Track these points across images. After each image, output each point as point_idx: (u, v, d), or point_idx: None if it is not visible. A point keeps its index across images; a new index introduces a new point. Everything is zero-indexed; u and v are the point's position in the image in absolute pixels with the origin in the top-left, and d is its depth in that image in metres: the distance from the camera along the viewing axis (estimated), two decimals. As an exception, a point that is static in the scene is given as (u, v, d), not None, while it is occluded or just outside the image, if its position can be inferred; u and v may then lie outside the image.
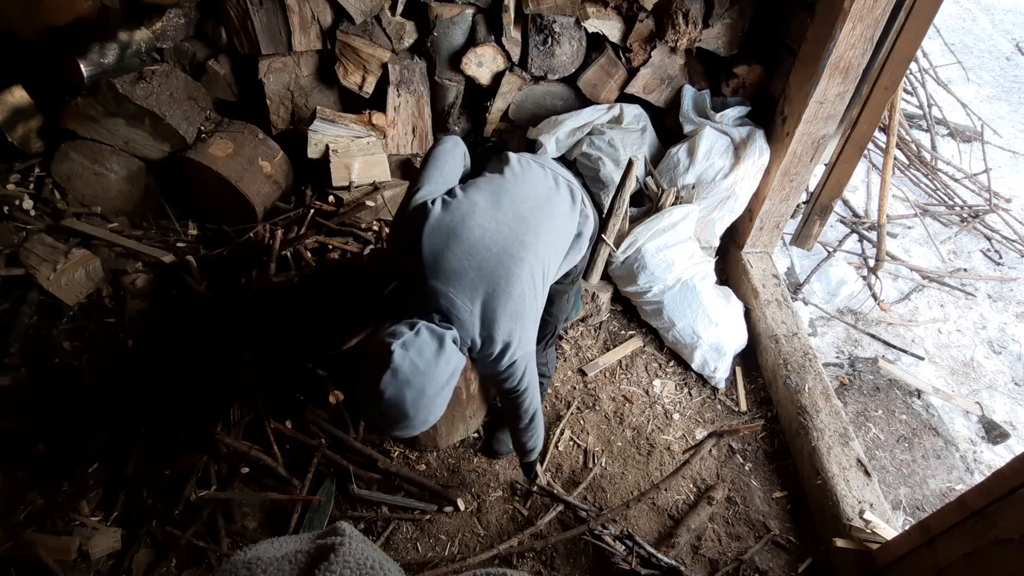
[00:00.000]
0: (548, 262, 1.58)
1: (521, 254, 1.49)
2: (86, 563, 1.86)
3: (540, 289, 1.55)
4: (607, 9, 2.63)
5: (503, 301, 1.45)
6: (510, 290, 1.46)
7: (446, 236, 1.46)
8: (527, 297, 1.50)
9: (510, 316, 1.47)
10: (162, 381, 2.28)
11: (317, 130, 2.64)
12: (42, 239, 2.41)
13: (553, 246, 1.62)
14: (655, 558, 1.89)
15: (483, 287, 1.44)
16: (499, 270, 1.46)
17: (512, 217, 1.53)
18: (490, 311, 1.45)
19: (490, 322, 1.45)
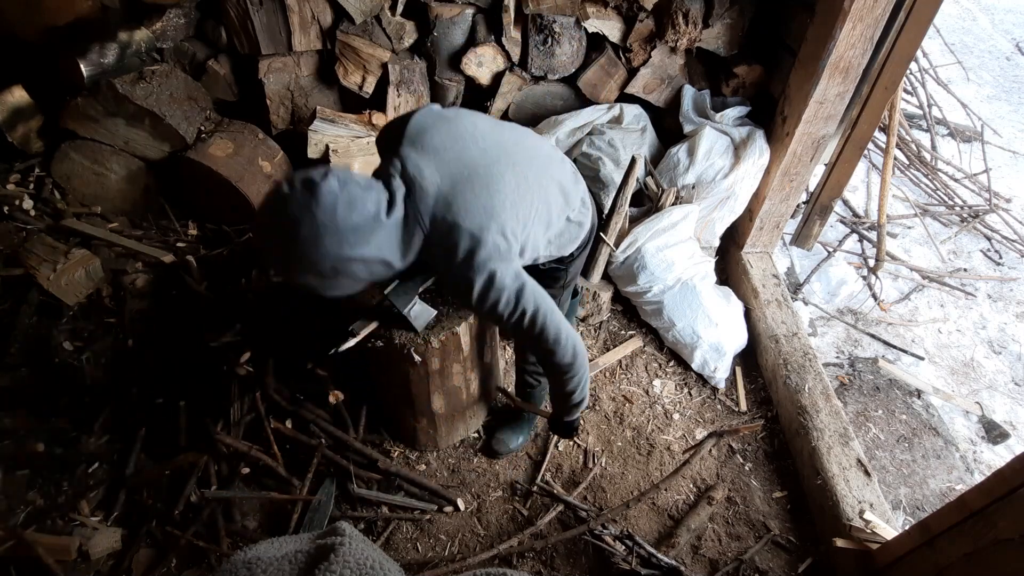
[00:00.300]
0: (533, 216, 1.42)
1: (510, 171, 1.34)
2: (86, 563, 1.86)
3: (516, 240, 1.35)
4: (607, 9, 2.63)
5: (479, 190, 1.27)
6: (491, 186, 1.29)
7: (437, 118, 1.34)
8: (508, 205, 1.31)
9: (484, 210, 1.27)
10: (162, 381, 2.28)
11: (317, 130, 2.64)
12: (42, 239, 2.41)
13: (542, 205, 1.45)
14: (655, 558, 1.89)
15: (461, 170, 1.28)
16: (483, 168, 1.31)
17: (512, 144, 1.42)
18: (460, 193, 1.26)
19: (458, 206, 1.25)
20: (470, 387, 2.11)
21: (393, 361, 1.90)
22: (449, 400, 2.07)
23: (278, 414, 2.16)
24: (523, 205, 1.38)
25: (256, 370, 2.19)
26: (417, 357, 1.84)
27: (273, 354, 2.23)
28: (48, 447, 2.08)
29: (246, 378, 2.18)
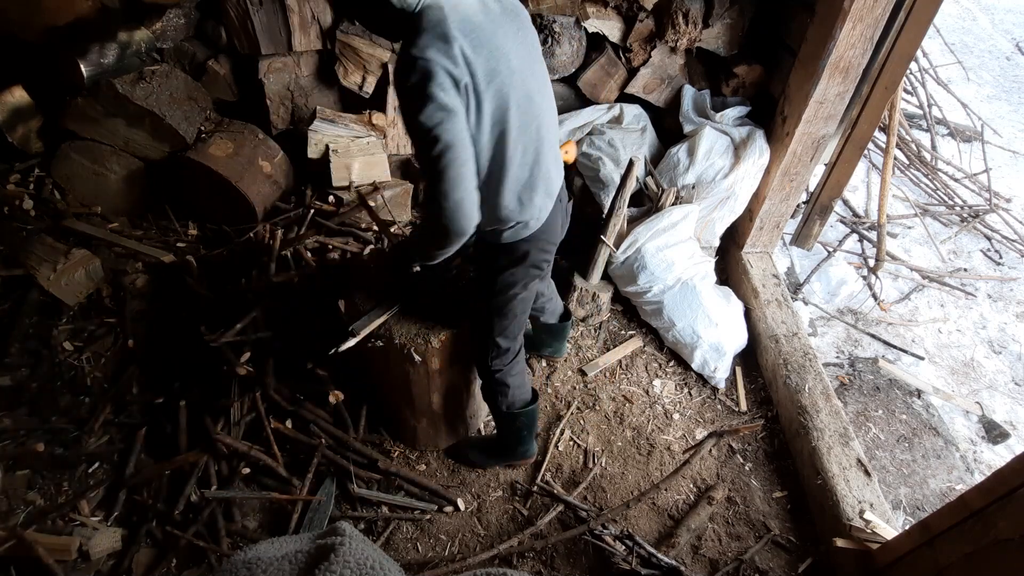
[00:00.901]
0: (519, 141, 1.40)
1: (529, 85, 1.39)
2: (86, 563, 1.86)
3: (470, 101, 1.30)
4: (607, 9, 2.63)
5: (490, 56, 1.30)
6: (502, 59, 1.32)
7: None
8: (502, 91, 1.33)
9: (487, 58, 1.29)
10: (162, 381, 2.28)
11: (317, 130, 2.64)
12: (42, 239, 2.41)
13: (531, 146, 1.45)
14: (655, 558, 1.89)
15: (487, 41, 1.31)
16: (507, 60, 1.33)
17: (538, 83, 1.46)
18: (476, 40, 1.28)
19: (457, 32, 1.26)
20: (470, 387, 2.11)
21: (393, 361, 1.90)
22: (449, 400, 2.07)
23: (278, 414, 2.15)
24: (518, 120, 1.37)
25: (256, 370, 2.19)
26: (417, 357, 1.84)
27: (273, 354, 2.23)
28: (48, 447, 2.08)
29: (246, 378, 2.18)
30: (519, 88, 1.36)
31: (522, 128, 1.40)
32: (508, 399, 1.91)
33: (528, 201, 1.49)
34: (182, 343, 2.35)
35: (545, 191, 1.53)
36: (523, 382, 1.93)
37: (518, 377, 1.89)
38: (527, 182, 1.47)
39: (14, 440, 2.08)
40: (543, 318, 2.29)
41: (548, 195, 1.55)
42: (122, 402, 2.24)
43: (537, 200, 1.51)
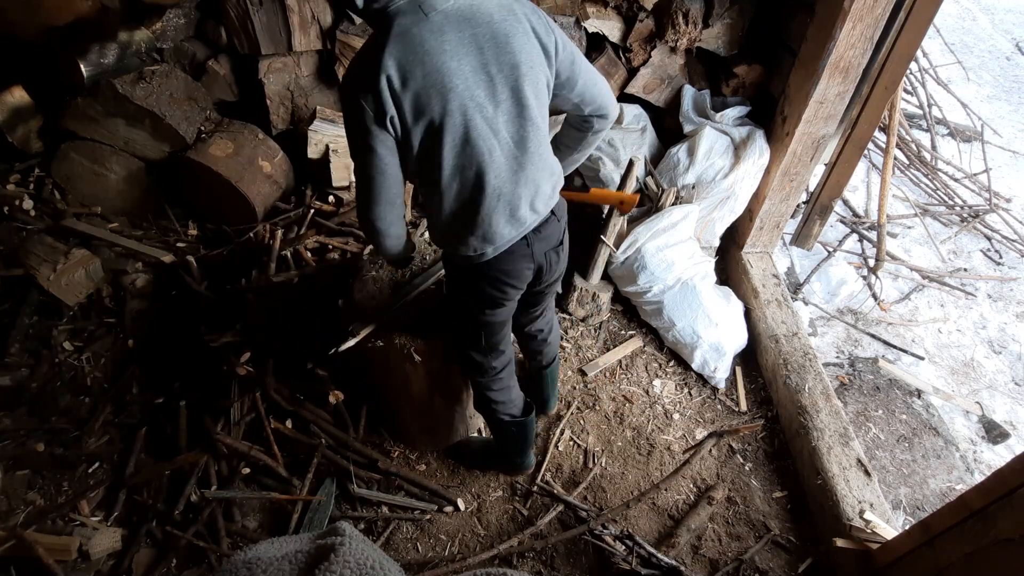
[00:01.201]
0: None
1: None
2: (86, 563, 1.86)
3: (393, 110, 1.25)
4: (607, 9, 2.63)
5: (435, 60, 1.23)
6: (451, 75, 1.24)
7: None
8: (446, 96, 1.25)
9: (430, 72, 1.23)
10: (162, 381, 2.28)
11: (317, 130, 2.64)
12: (42, 239, 2.41)
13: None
14: (655, 558, 1.89)
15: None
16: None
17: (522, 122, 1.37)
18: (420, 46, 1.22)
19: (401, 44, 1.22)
20: (470, 387, 2.10)
21: (393, 361, 1.90)
22: (449, 400, 2.07)
23: (278, 414, 2.16)
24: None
25: (256, 370, 2.19)
26: (417, 357, 1.84)
27: (273, 354, 2.23)
28: (48, 447, 2.08)
29: (246, 378, 2.18)
30: (456, 128, 1.29)
31: (456, 169, 1.34)
32: (495, 411, 1.88)
33: (463, 236, 1.44)
34: (182, 343, 2.35)
35: (497, 227, 1.44)
36: (509, 397, 1.87)
37: (502, 392, 1.85)
38: (462, 219, 1.41)
39: (14, 440, 2.08)
40: (543, 350, 2.09)
41: (501, 232, 1.45)
42: (122, 402, 2.24)
43: (475, 236, 1.43)
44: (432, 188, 1.39)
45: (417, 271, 2.04)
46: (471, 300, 1.62)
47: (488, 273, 1.52)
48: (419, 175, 1.40)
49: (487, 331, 1.69)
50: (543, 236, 1.54)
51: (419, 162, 1.35)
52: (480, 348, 1.73)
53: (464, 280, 1.59)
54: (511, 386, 1.88)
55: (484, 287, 1.56)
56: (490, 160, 1.35)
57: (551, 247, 1.59)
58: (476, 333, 1.69)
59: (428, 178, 1.38)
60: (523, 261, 1.54)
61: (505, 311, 1.67)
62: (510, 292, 1.59)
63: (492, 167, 1.36)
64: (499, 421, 1.91)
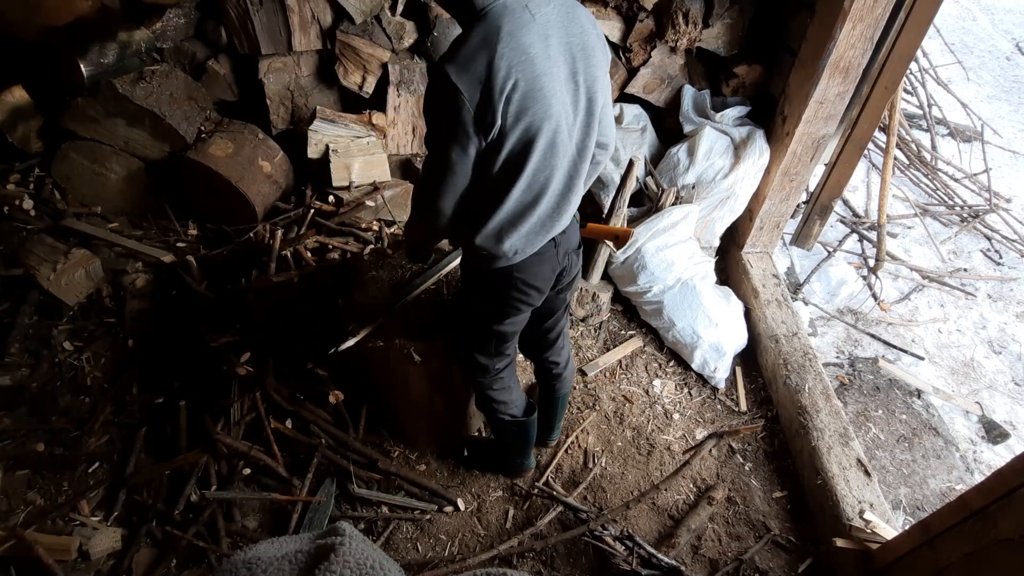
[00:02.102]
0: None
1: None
2: (86, 563, 1.86)
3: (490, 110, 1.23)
4: (607, 9, 2.63)
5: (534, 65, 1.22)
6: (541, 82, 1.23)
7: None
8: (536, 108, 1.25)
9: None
10: (162, 381, 2.28)
11: (317, 130, 2.64)
12: (42, 239, 2.41)
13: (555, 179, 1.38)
14: (655, 558, 1.89)
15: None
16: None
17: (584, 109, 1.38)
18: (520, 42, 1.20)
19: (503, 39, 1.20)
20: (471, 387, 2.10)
21: (393, 361, 1.90)
22: (449, 400, 2.07)
23: (278, 414, 2.15)
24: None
25: (256, 370, 2.19)
26: (417, 357, 1.84)
27: (273, 354, 2.23)
28: (48, 447, 2.08)
29: (246, 378, 2.18)
30: (548, 134, 1.29)
31: (535, 172, 1.34)
32: (496, 411, 1.88)
33: (507, 236, 1.43)
34: (182, 343, 2.35)
35: (538, 230, 1.45)
36: (510, 398, 1.87)
37: (502, 392, 1.85)
38: (512, 220, 1.41)
39: (14, 440, 2.08)
40: (556, 385, 2.05)
41: (540, 235, 1.46)
42: (122, 402, 2.24)
43: (518, 236, 1.43)
44: (499, 190, 1.36)
45: (417, 271, 2.05)
46: (492, 307, 1.61)
47: (517, 276, 1.51)
48: (491, 177, 1.35)
49: (499, 338, 1.69)
50: (567, 237, 1.57)
51: (502, 165, 1.32)
52: (488, 352, 1.73)
53: (489, 286, 1.57)
54: (511, 387, 1.88)
55: (510, 292, 1.54)
56: (559, 165, 1.38)
57: (572, 249, 1.62)
58: (487, 339, 1.69)
59: (502, 180, 1.35)
60: (550, 263, 1.55)
61: (521, 320, 1.67)
62: (533, 296, 1.58)
63: (559, 173, 1.39)
64: (500, 421, 1.90)
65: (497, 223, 1.40)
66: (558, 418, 2.21)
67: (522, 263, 1.49)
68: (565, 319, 1.90)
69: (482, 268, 1.53)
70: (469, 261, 1.58)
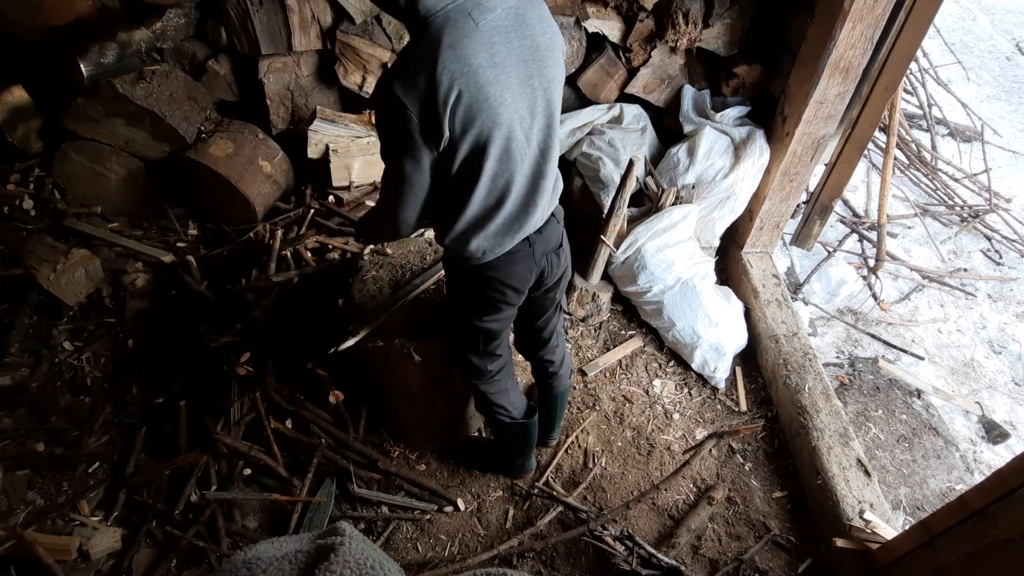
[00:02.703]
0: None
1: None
2: (86, 563, 1.86)
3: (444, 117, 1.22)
4: (607, 9, 2.63)
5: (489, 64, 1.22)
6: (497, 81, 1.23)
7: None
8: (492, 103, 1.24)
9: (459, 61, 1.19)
10: (162, 381, 2.28)
11: (317, 130, 2.64)
12: (42, 239, 2.41)
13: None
14: (655, 558, 1.89)
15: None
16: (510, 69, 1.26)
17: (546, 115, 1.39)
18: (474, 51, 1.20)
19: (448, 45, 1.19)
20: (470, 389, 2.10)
21: (393, 361, 1.90)
22: (449, 400, 2.07)
23: (278, 414, 2.16)
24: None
25: (256, 370, 2.19)
26: (417, 357, 1.85)
27: (273, 354, 2.23)
28: (48, 447, 2.08)
29: (246, 378, 2.18)
30: (500, 141, 1.30)
31: (493, 178, 1.35)
32: (495, 413, 1.88)
33: (474, 237, 1.44)
34: (182, 343, 2.35)
35: (505, 230, 1.45)
36: (507, 400, 1.87)
37: (499, 395, 1.85)
38: (478, 222, 1.42)
39: (14, 440, 2.08)
40: (553, 383, 2.05)
41: (508, 235, 1.46)
42: (122, 402, 2.24)
43: (485, 237, 1.44)
44: (460, 195, 1.38)
45: (417, 271, 2.04)
46: (472, 305, 1.62)
47: (490, 275, 1.52)
48: (450, 183, 1.37)
49: (485, 336, 1.69)
50: (544, 238, 1.55)
51: (458, 172, 1.33)
52: (478, 352, 1.73)
53: (466, 284, 1.59)
54: (508, 389, 1.88)
55: (485, 291, 1.56)
56: (520, 168, 1.38)
57: (551, 249, 1.60)
58: (474, 337, 1.69)
59: (460, 186, 1.37)
60: (525, 263, 1.54)
61: (504, 318, 1.66)
62: (510, 295, 1.58)
63: (520, 175, 1.39)
64: (499, 423, 1.90)
65: (463, 226, 1.43)
66: (558, 417, 2.20)
67: (494, 262, 1.49)
68: (557, 318, 1.90)
69: (458, 266, 1.55)
70: (448, 259, 1.60)
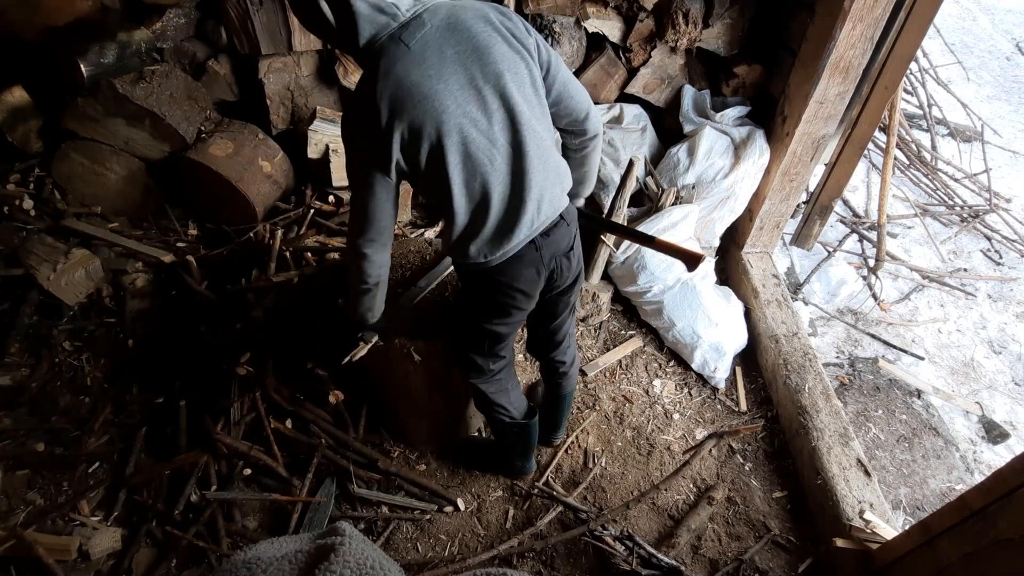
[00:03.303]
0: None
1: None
2: (86, 563, 1.86)
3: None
4: (607, 9, 2.63)
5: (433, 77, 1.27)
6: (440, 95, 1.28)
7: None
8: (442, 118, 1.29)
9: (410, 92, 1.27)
10: (162, 381, 2.28)
11: (317, 130, 2.64)
12: (42, 239, 2.41)
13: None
14: (655, 558, 1.89)
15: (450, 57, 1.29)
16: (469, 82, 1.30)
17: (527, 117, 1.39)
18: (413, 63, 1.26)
19: (395, 69, 1.26)
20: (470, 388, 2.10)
21: (393, 361, 1.90)
22: (449, 400, 2.07)
23: (278, 414, 2.15)
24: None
25: (256, 370, 2.19)
26: (417, 357, 1.84)
27: (273, 354, 2.23)
28: (48, 447, 2.08)
29: (246, 378, 2.18)
30: (456, 147, 1.32)
31: (465, 184, 1.38)
32: (495, 412, 1.88)
33: (471, 243, 1.45)
34: (182, 343, 2.35)
35: (502, 233, 1.44)
36: (508, 400, 1.87)
37: (499, 395, 1.85)
38: (472, 228, 1.44)
39: (14, 440, 2.08)
40: (562, 383, 2.04)
41: (506, 238, 1.45)
42: (122, 402, 2.24)
43: (481, 242, 1.45)
44: (445, 204, 1.42)
45: (418, 271, 2.04)
46: (481, 307, 1.63)
47: (498, 279, 1.52)
48: (431, 194, 1.45)
49: (492, 338, 1.69)
50: (552, 240, 1.53)
51: (429, 184, 1.40)
52: (482, 352, 1.73)
53: (476, 287, 1.60)
54: (509, 389, 1.88)
55: (495, 294, 1.56)
56: (492, 170, 1.37)
57: (561, 252, 1.57)
58: (481, 338, 1.69)
59: (440, 196, 1.41)
60: (532, 266, 1.52)
61: (514, 322, 1.66)
62: (520, 300, 1.57)
63: (495, 176, 1.39)
64: (499, 422, 1.90)
65: (458, 233, 1.46)
66: (563, 416, 2.21)
67: (500, 266, 1.49)
68: (570, 320, 1.90)
69: (466, 270, 1.57)
70: (457, 263, 1.61)
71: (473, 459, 2.22)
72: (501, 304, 1.58)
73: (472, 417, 2.25)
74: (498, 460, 2.18)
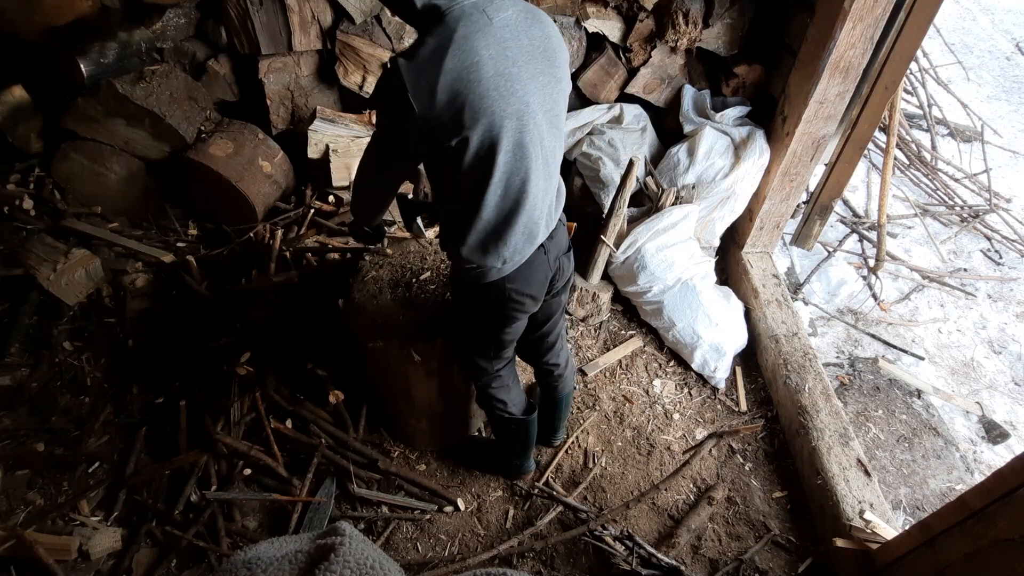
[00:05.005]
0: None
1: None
2: (86, 563, 1.86)
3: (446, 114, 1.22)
4: (607, 9, 2.63)
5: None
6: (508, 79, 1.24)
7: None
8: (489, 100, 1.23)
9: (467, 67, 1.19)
10: (162, 381, 2.28)
11: (317, 130, 2.64)
12: (42, 239, 2.41)
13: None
14: (655, 558, 1.89)
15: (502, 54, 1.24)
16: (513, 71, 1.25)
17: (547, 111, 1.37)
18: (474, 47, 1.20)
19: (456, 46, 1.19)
20: (470, 387, 2.10)
21: (393, 361, 1.90)
22: (449, 400, 2.07)
23: (278, 414, 2.16)
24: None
25: (256, 370, 2.19)
26: (417, 357, 1.84)
27: (273, 354, 2.23)
28: (48, 447, 2.08)
29: (246, 378, 2.18)
30: (512, 133, 1.28)
31: (508, 175, 1.33)
32: (495, 408, 1.88)
33: (495, 247, 1.41)
34: (182, 343, 2.35)
35: (524, 238, 1.43)
36: (509, 396, 1.87)
37: (501, 391, 1.85)
38: (496, 229, 1.39)
39: (14, 440, 2.08)
40: (558, 386, 2.04)
41: (527, 242, 1.44)
42: (122, 402, 2.24)
43: (507, 246, 1.41)
44: (471, 199, 1.35)
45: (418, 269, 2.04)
46: (488, 323, 1.61)
47: (510, 288, 1.49)
48: (457, 184, 1.35)
49: (498, 344, 1.69)
50: (555, 242, 1.55)
51: (469, 167, 1.30)
52: (487, 356, 1.74)
53: (482, 303, 1.54)
54: (510, 385, 1.88)
55: (504, 304, 1.53)
56: (534, 168, 1.36)
57: (562, 252, 1.60)
58: (486, 346, 1.70)
59: (473, 189, 1.34)
60: (542, 270, 1.53)
61: (520, 326, 1.66)
62: (529, 304, 1.56)
63: (535, 175, 1.37)
64: (499, 419, 1.90)
65: (479, 234, 1.39)
66: (562, 418, 2.21)
67: (513, 273, 1.47)
68: (563, 322, 1.90)
69: (473, 284, 1.50)
70: (459, 279, 1.54)
71: (473, 459, 2.22)
72: (511, 312, 1.56)
73: (472, 416, 2.25)
74: (498, 459, 2.18)
